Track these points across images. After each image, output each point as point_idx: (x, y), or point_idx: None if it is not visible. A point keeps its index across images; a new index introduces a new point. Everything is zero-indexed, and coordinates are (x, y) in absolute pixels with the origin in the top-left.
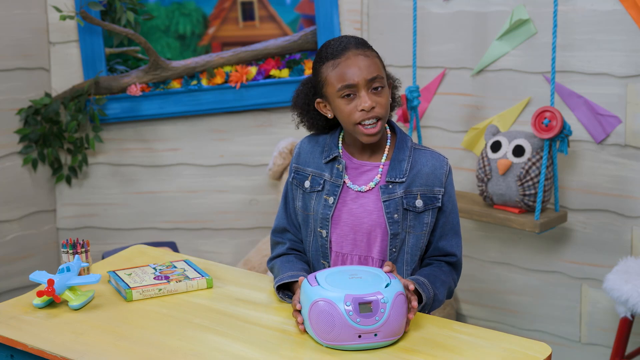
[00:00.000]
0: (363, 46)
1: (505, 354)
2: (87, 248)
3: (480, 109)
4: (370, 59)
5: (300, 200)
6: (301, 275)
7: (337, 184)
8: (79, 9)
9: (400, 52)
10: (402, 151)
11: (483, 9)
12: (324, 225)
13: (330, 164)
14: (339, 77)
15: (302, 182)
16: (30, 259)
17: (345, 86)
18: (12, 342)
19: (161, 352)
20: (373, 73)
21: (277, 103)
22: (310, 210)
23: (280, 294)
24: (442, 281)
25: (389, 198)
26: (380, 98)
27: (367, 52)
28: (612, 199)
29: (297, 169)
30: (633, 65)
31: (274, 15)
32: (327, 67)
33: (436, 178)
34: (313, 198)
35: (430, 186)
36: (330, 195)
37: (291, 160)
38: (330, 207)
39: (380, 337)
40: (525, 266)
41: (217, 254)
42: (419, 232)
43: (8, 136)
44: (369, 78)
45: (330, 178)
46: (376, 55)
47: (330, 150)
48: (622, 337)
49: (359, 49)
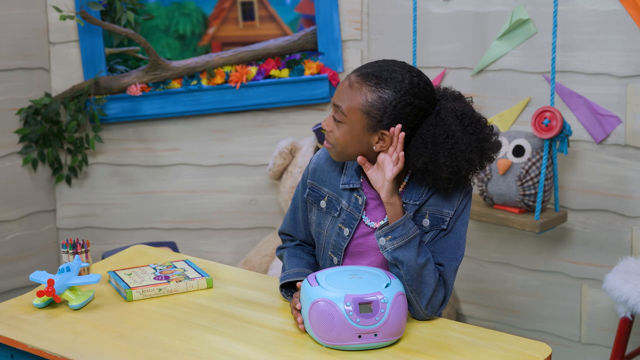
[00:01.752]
0: (363, 77)
1: (505, 354)
2: (87, 248)
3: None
4: (351, 90)
5: (315, 216)
6: (305, 272)
7: (354, 217)
8: (79, 9)
9: (400, 52)
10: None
11: (483, 9)
12: (336, 252)
13: (348, 192)
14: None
15: (317, 201)
16: (30, 259)
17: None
18: (12, 342)
19: (161, 352)
20: (338, 101)
21: (277, 103)
22: (324, 230)
23: (284, 291)
24: (425, 251)
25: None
26: (337, 128)
27: (359, 83)
28: (612, 199)
29: (312, 185)
30: (633, 65)
31: (274, 15)
32: None
33: (447, 201)
34: (328, 220)
35: (440, 207)
36: (346, 227)
37: (305, 172)
38: (345, 238)
39: (380, 337)
40: (525, 266)
41: (217, 254)
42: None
43: (8, 136)
44: (334, 102)
45: (347, 207)
46: (369, 96)
47: (351, 178)
48: (622, 337)
49: (359, 76)
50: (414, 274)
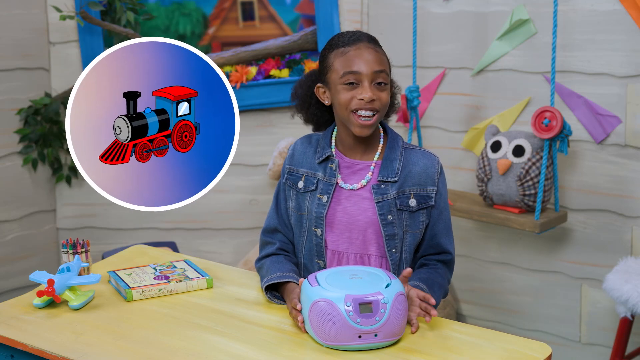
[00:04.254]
0: (375, 42)
1: (505, 354)
2: (87, 248)
3: (480, 109)
4: (379, 55)
5: (293, 201)
6: (290, 276)
7: (330, 182)
8: (79, 9)
9: (400, 52)
10: (393, 150)
11: (483, 9)
12: (318, 224)
13: (323, 163)
14: (345, 64)
15: (295, 183)
16: (30, 259)
17: (349, 72)
18: (12, 342)
19: (161, 352)
20: (379, 66)
21: (277, 103)
22: (304, 210)
23: (269, 294)
24: (440, 285)
25: (382, 199)
26: (382, 93)
27: (377, 48)
28: (612, 199)
29: (290, 169)
30: (633, 65)
31: (274, 15)
32: (336, 54)
33: (428, 177)
34: (307, 198)
35: (422, 185)
36: (324, 194)
37: (284, 162)
38: (324, 205)
39: (380, 338)
40: (525, 266)
41: (217, 254)
42: (415, 230)
43: (8, 136)
44: (375, 70)
45: (323, 177)
46: (385, 55)
47: (323, 150)
48: (622, 337)
49: (370, 43)
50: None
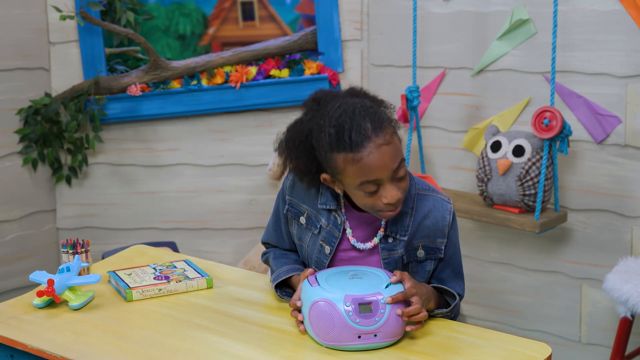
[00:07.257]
0: (381, 129)
1: (505, 354)
2: (87, 248)
3: (480, 109)
4: (392, 146)
5: (295, 230)
6: (297, 268)
7: (334, 234)
8: (79, 9)
9: (400, 52)
10: (405, 202)
11: (483, 9)
12: (319, 267)
13: (326, 211)
14: (360, 173)
15: (297, 217)
16: (30, 259)
17: (367, 182)
18: (12, 342)
19: (161, 352)
20: (397, 160)
21: (277, 103)
22: (305, 244)
23: (278, 291)
24: (451, 295)
25: (388, 256)
26: (403, 182)
27: (387, 136)
28: (612, 199)
29: (291, 201)
30: (633, 65)
31: (274, 15)
32: (346, 160)
33: (438, 230)
34: (308, 236)
35: (432, 238)
36: (327, 244)
37: (283, 186)
38: (327, 256)
39: (380, 338)
40: (525, 266)
41: (217, 254)
42: (422, 278)
43: (8, 136)
44: (394, 168)
45: (327, 225)
46: (393, 130)
47: (327, 199)
48: (622, 337)
49: (379, 136)
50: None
